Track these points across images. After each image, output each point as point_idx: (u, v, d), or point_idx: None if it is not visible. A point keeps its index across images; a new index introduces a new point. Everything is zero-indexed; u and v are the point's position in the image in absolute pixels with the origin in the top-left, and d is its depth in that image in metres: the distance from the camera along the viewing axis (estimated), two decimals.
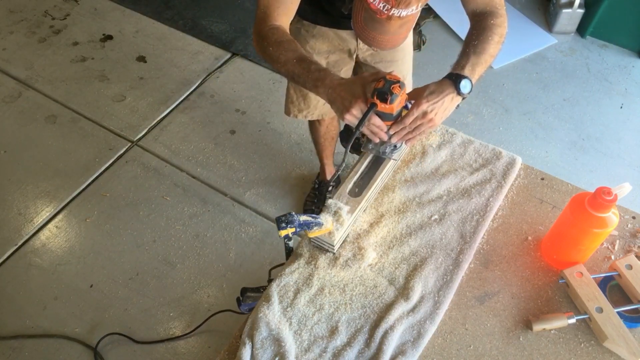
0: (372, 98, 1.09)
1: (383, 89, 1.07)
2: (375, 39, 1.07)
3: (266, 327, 1.07)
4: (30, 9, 3.35)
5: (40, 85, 2.92)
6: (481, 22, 1.25)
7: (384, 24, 1.03)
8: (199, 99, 2.84)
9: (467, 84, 1.15)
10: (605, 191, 1.00)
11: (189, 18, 3.26)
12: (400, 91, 1.08)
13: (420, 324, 1.07)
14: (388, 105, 1.08)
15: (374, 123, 1.12)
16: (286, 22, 1.26)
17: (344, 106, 1.10)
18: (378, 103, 1.08)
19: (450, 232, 1.20)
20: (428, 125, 1.14)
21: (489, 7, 1.27)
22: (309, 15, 1.53)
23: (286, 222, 1.07)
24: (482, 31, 1.23)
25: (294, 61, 1.16)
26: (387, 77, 1.09)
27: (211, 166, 2.54)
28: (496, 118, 2.72)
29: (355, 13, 1.06)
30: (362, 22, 1.05)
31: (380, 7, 1.03)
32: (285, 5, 1.24)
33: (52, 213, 2.39)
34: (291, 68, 1.17)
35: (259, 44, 1.24)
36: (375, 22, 1.04)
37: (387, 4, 1.03)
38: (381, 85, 1.08)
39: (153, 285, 2.16)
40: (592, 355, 1.04)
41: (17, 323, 2.07)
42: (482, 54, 1.20)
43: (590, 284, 1.08)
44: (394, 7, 1.02)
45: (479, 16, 1.27)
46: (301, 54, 1.17)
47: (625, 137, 2.63)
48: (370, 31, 1.06)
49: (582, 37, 3.07)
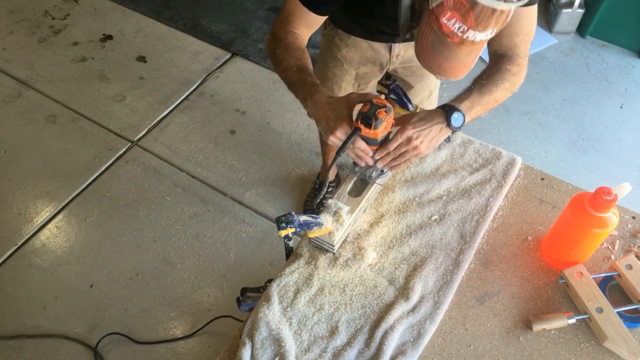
0: (356, 122, 1.06)
1: (368, 114, 1.05)
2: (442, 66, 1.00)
3: (266, 327, 1.07)
4: (30, 9, 3.35)
5: (40, 85, 2.92)
6: (497, 65, 1.20)
7: (453, 49, 0.96)
8: (199, 99, 2.84)
9: (459, 117, 1.11)
10: (605, 191, 1.00)
11: (189, 18, 3.26)
12: (386, 116, 1.06)
13: (420, 324, 1.07)
14: (372, 131, 1.05)
15: (358, 147, 1.09)
16: (306, 33, 1.25)
17: (329, 127, 1.08)
18: (362, 127, 1.05)
19: (450, 232, 1.20)
20: (413, 152, 1.11)
21: (510, 52, 1.22)
22: (344, 25, 1.51)
23: (286, 222, 1.07)
24: (494, 73, 1.19)
25: (294, 69, 1.15)
26: (373, 101, 1.07)
27: (211, 166, 2.54)
28: (496, 118, 2.72)
29: (422, 37, 0.99)
30: (429, 47, 0.98)
31: (455, 28, 0.93)
32: (308, 19, 1.22)
33: (52, 213, 2.39)
34: (290, 75, 1.16)
35: (270, 44, 1.23)
36: (444, 46, 0.96)
37: (464, 25, 0.92)
38: (367, 109, 1.05)
39: (153, 285, 2.16)
40: (592, 355, 1.04)
41: (17, 323, 2.07)
42: (486, 94, 1.16)
43: (590, 284, 1.08)
44: (471, 28, 0.92)
45: (498, 58, 1.22)
46: (303, 64, 1.16)
47: (625, 137, 2.63)
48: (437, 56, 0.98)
49: (582, 37, 3.07)
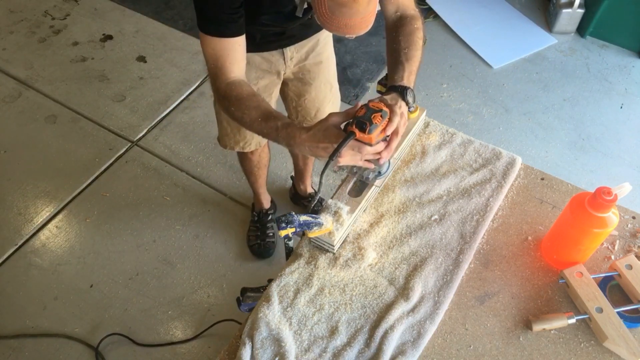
0: (351, 126, 1.05)
1: (363, 118, 1.03)
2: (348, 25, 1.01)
3: (266, 327, 1.07)
4: (30, 9, 3.35)
5: (40, 85, 2.92)
6: (405, 27, 1.25)
7: (352, 6, 0.97)
8: (199, 99, 2.84)
9: (410, 93, 1.15)
10: (605, 191, 1.00)
11: (189, 18, 3.26)
12: (381, 121, 1.04)
13: (420, 324, 1.07)
14: (367, 135, 1.04)
15: (367, 152, 1.07)
16: (241, 70, 1.21)
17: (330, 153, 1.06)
18: (357, 132, 1.04)
19: (450, 232, 1.20)
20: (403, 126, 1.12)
21: (407, 11, 1.27)
22: None
23: (286, 222, 1.07)
24: (409, 36, 1.23)
25: (259, 120, 1.12)
26: (369, 105, 1.06)
27: (211, 166, 2.54)
28: (496, 118, 2.72)
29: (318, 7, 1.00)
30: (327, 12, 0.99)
31: None
32: (234, 52, 1.18)
33: (52, 213, 2.39)
34: (258, 127, 1.14)
35: (221, 104, 1.20)
36: (342, 6, 0.98)
37: None
38: (362, 113, 1.05)
39: (153, 285, 2.16)
40: (592, 355, 1.04)
41: (17, 323, 2.07)
42: (413, 60, 1.21)
43: (590, 284, 1.08)
44: None
45: (400, 20, 1.26)
46: (264, 111, 1.13)
47: (625, 137, 2.63)
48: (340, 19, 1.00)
49: (582, 37, 3.07)
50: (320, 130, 1.07)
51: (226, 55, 1.18)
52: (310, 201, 2.32)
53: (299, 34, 1.52)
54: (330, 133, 1.06)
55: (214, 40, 1.17)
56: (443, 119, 2.48)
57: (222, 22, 1.16)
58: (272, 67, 1.57)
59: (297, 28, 1.47)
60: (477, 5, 3.25)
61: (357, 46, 3.04)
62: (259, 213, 2.25)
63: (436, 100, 2.78)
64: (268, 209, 2.26)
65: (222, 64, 1.18)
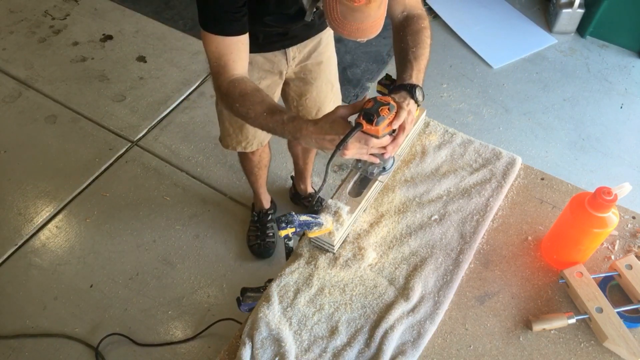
0: (358, 118, 1.05)
1: (370, 110, 1.04)
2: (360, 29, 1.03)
3: (266, 327, 1.07)
4: (30, 9, 3.35)
5: (40, 85, 2.92)
6: (412, 27, 1.25)
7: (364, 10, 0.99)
8: (199, 99, 2.84)
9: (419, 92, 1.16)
10: (605, 191, 1.00)
11: (189, 18, 3.26)
12: (388, 114, 1.04)
13: (420, 324, 1.07)
14: (374, 127, 1.04)
15: (373, 146, 1.07)
16: (243, 68, 1.21)
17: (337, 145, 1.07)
18: (364, 124, 1.05)
19: (450, 232, 1.20)
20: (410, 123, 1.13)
21: (414, 10, 1.28)
22: None
23: (286, 222, 1.07)
24: (416, 36, 1.24)
25: (265, 115, 1.13)
26: (377, 99, 1.06)
27: (211, 166, 2.54)
28: (496, 118, 2.72)
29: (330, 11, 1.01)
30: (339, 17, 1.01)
31: None
32: (237, 51, 1.18)
33: (52, 213, 2.39)
34: (264, 122, 1.14)
35: (224, 102, 1.20)
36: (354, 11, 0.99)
37: None
38: (370, 105, 1.05)
39: (153, 285, 2.16)
40: (592, 355, 1.04)
41: (17, 323, 2.07)
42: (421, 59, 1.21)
43: (590, 284, 1.08)
44: None
45: (408, 20, 1.27)
46: (269, 105, 1.13)
47: (625, 137, 2.63)
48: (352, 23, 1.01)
49: (582, 37, 3.07)
50: (328, 122, 1.08)
51: (229, 54, 1.18)
52: (310, 201, 2.32)
53: (302, 34, 1.52)
54: (337, 125, 1.07)
55: (217, 39, 1.17)
56: (443, 119, 2.49)
57: (225, 21, 1.16)
58: (274, 68, 1.57)
59: (300, 28, 1.47)
60: (477, 5, 3.25)
61: (357, 46, 3.04)
62: (259, 213, 2.26)
63: (436, 100, 2.78)
64: (268, 209, 2.26)
65: (225, 62, 1.18)
